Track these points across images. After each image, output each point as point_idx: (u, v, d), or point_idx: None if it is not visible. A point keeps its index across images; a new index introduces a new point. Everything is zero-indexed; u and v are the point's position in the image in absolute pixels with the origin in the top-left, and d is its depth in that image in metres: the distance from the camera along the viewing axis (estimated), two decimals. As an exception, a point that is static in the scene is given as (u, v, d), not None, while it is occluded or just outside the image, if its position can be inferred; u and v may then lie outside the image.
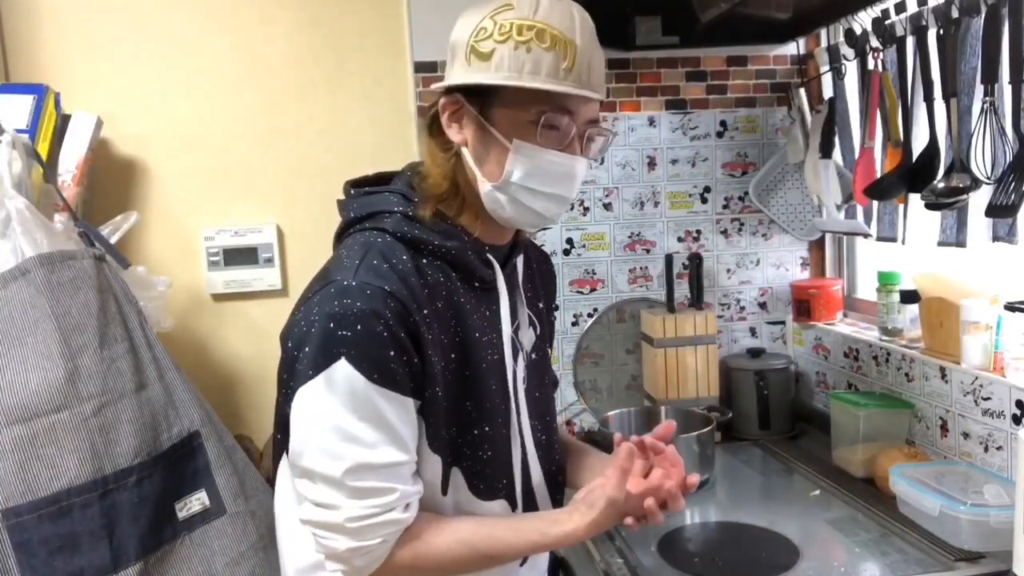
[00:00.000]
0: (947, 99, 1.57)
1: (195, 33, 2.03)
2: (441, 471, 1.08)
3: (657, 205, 2.23)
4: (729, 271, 2.28)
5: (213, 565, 1.54)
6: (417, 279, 1.03)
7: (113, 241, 1.70)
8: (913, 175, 1.67)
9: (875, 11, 1.77)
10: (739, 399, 2.15)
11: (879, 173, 1.78)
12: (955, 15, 1.55)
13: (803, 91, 2.13)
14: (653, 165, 2.22)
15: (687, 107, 2.22)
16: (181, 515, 1.54)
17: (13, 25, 1.96)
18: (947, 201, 1.56)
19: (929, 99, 1.63)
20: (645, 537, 1.52)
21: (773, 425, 2.12)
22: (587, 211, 2.20)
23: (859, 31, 1.83)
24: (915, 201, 1.69)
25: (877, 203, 1.86)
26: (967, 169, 1.53)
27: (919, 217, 1.72)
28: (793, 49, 2.22)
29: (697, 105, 2.22)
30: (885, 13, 1.75)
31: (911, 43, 1.68)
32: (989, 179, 1.50)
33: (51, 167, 1.70)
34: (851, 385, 2.02)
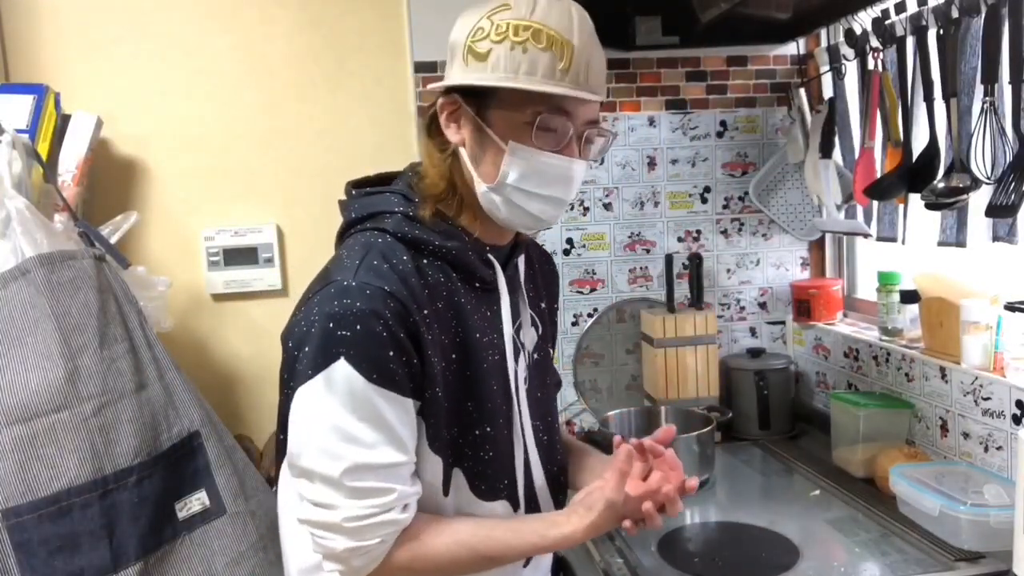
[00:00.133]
0: (947, 99, 1.57)
1: (195, 33, 2.03)
2: (442, 472, 1.08)
3: (657, 205, 2.23)
4: (729, 271, 2.28)
5: (213, 565, 1.54)
6: (417, 279, 1.03)
7: (113, 241, 1.70)
8: (913, 175, 1.67)
9: (875, 11, 1.77)
10: (739, 399, 2.15)
11: (879, 173, 1.78)
12: (955, 15, 1.55)
13: (803, 91, 2.13)
14: (653, 165, 2.22)
15: (687, 107, 2.22)
16: (181, 515, 1.54)
17: (13, 25, 1.96)
18: (947, 201, 1.56)
19: (929, 99, 1.63)
20: (645, 537, 1.52)
21: (773, 425, 2.12)
22: (587, 211, 2.20)
23: (859, 31, 1.83)
24: (915, 201, 1.69)
25: (877, 203, 1.86)
26: (967, 169, 1.53)
27: (919, 217, 1.72)
28: (793, 49, 2.22)
29: (697, 105, 2.22)
30: (885, 13, 1.75)
31: (911, 43, 1.68)
32: (989, 179, 1.50)
33: (51, 167, 1.70)
34: (851, 385, 2.02)
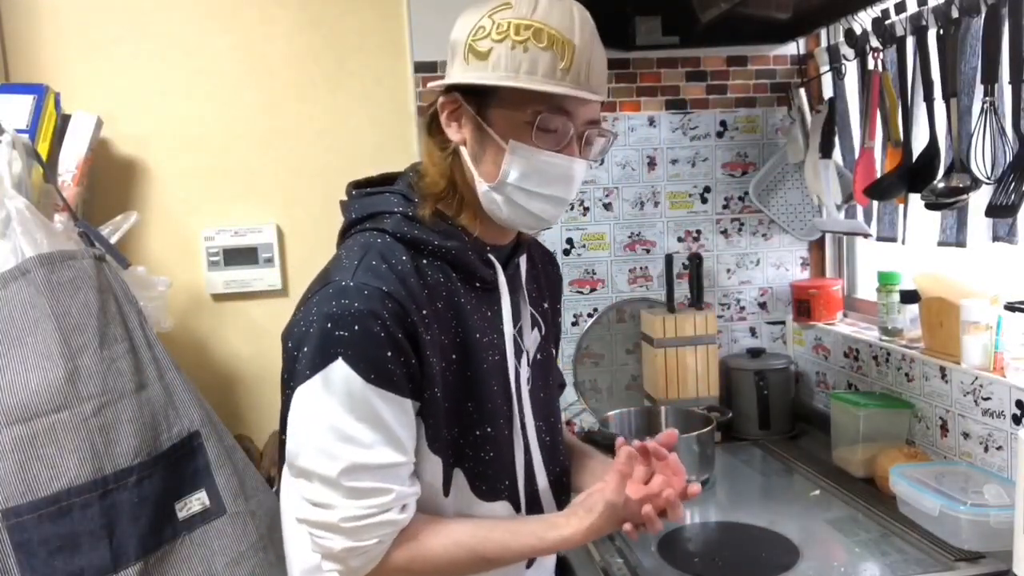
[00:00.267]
0: (947, 99, 1.57)
1: (195, 33, 2.03)
2: (442, 472, 1.08)
3: (657, 205, 2.23)
4: (729, 271, 2.28)
5: (213, 565, 1.54)
6: (416, 280, 1.03)
7: (113, 241, 1.70)
8: (913, 175, 1.67)
9: (875, 11, 1.77)
10: (739, 399, 2.15)
11: (879, 173, 1.78)
12: (955, 15, 1.55)
13: (803, 91, 2.13)
14: (653, 165, 2.22)
15: (687, 107, 2.22)
16: (181, 515, 1.54)
17: (13, 25, 1.96)
18: (947, 201, 1.56)
19: (929, 99, 1.63)
20: (645, 537, 1.49)
21: (773, 425, 2.12)
22: (587, 211, 2.20)
23: (859, 31, 1.83)
24: (915, 201, 1.69)
25: (877, 203, 1.86)
26: (967, 169, 1.53)
27: (919, 217, 1.72)
28: (793, 49, 2.22)
29: (697, 105, 2.22)
30: (885, 13, 1.75)
31: (911, 43, 1.68)
32: (989, 179, 1.50)
33: (51, 167, 1.70)
34: (851, 385, 2.02)
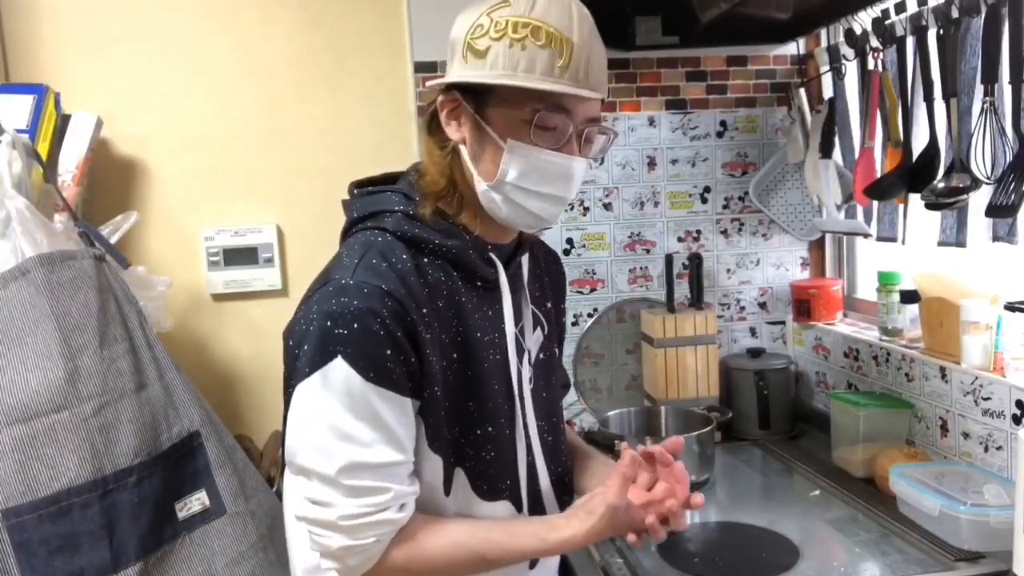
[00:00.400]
0: (947, 99, 1.57)
1: (195, 33, 2.03)
2: (442, 472, 1.08)
3: (657, 205, 2.23)
4: (729, 271, 2.28)
5: (213, 565, 1.54)
6: (416, 278, 1.03)
7: (113, 241, 1.70)
8: (913, 175, 1.67)
9: (875, 11, 1.77)
10: (739, 399, 2.15)
11: (879, 173, 1.78)
12: (955, 15, 1.55)
13: (803, 91, 2.13)
14: (653, 165, 2.22)
15: (687, 107, 2.22)
16: (181, 515, 1.54)
17: (13, 25, 1.96)
18: (947, 201, 1.56)
19: (929, 99, 1.63)
20: (645, 537, 1.52)
21: (773, 425, 2.12)
22: (587, 211, 2.20)
23: (859, 31, 1.83)
24: (915, 201, 1.69)
25: (877, 203, 1.86)
26: (967, 169, 1.53)
27: (919, 217, 1.72)
28: (793, 49, 2.22)
29: (697, 105, 2.22)
30: (885, 13, 1.75)
31: (911, 43, 1.68)
32: (989, 179, 1.50)
33: (51, 167, 1.70)
34: (851, 385, 2.02)
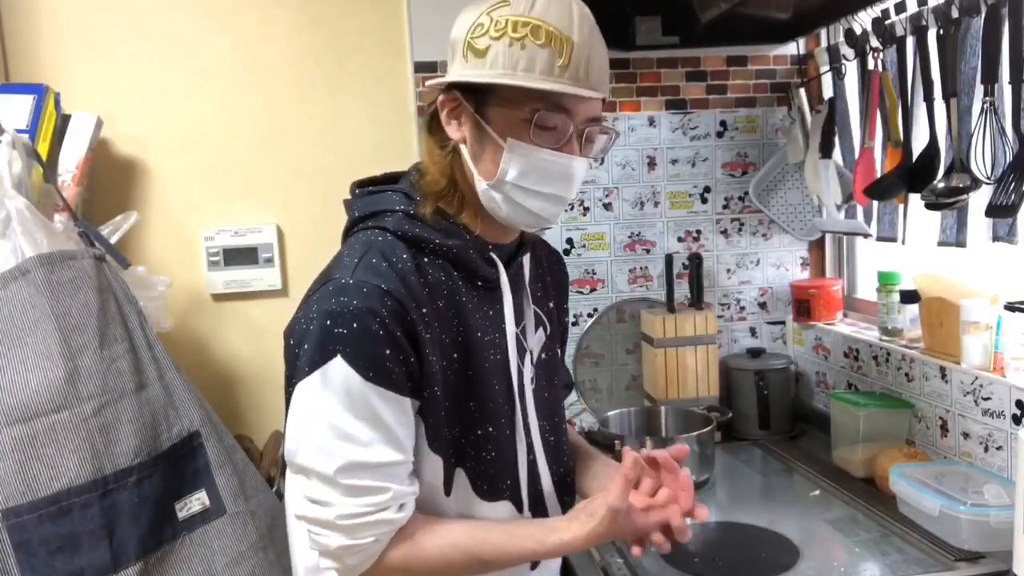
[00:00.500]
0: (947, 99, 1.57)
1: (195, 33, 2.03)
2: (442, 472, 1.07)
3: (657, 205, 2.23)
4: (729, 271, 2.28)
5: (213, 565, 1.54)
6: (417, 278, 1.03)
7: (113, 241, 1.70)
8: (913, 175, 1.67)
9: (875, 11, 1.77)
10: (739, 399, 2.15)
11: (879, 173, 1.78)
12: (955, 15, 1.55)
13: (803, 91, 2.13)
14: (653, 165, 2.22)
15: (687, 107, 2.22)
16: (181, 515, 1.54)
17: (13, 25, 1.96)
18: (947, 201, 1.56)
19: (929, 99, 1.63)
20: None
21: (773, 425, 2.12)
22: (587, 211, 2.20)
23: (859, 31, 1.83)
24: (915, 201, 1.69)
25: (877, 203, 1.86)
26: (967, 169, 1.53)
27: (919, 217, 1.72)
28: (793, 49, 2.22)
29: (697, 105, 2.22)
30: (885, 13, 1.75)
31: (911, 43, 1.68)
32: (989, 179, 1.50)
33: (51, 167, 1.70)
34: (851, 385, 2.02)
